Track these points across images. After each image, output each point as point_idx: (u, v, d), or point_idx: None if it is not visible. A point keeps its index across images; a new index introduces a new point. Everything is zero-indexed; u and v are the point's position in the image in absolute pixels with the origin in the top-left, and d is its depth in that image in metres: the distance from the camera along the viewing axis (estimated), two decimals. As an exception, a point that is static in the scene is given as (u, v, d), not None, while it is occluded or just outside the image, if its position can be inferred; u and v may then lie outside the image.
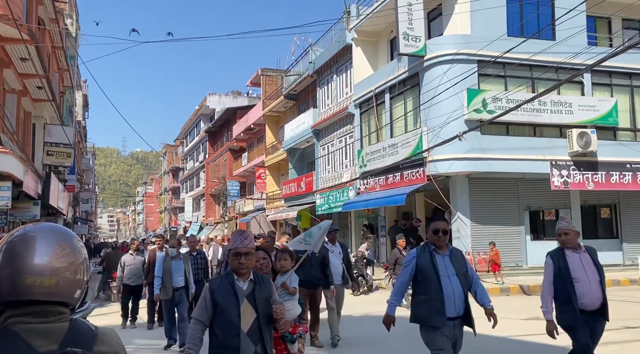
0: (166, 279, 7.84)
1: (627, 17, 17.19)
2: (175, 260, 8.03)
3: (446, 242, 4.35)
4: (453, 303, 4.13)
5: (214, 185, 40.23)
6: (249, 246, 3.23)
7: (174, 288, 7.85)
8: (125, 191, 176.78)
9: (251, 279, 3.24)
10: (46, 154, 16.82)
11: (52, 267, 1.26)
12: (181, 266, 8.00)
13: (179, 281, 7.93)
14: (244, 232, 3.29)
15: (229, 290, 3.16)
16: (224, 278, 3.24)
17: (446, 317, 4.11)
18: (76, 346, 1.21)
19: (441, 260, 4.24)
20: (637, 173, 16.13)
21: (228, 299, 3.13)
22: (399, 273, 10.62)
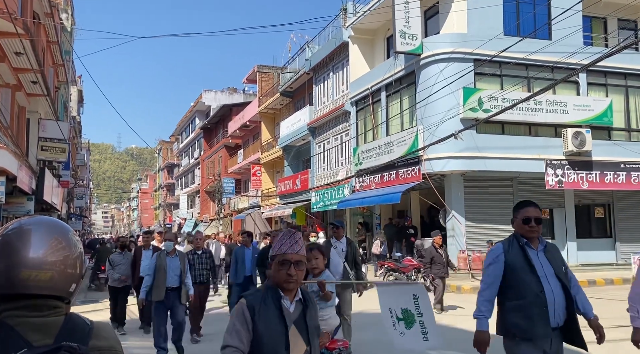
0: (159, 277, 6.95)
1: (622, 18, 17.27)
2: (170, 256, 7.17)
3: (540, 233, 3.52)
4: (553, 310, 3.31)
5: (209, 181, 40.16)
6: (301, 252, 2.42)
7: (168, 288, 6.94)
8: (120, 188, 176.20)
9: (300, 298, 2.43)
10: (40, 149, 16.73)
11: (47, 261, 1.25)
12: (177, 264, 7.13)
13: (174, 280, 7.03)
14: (294, 234, 2.50)
15: (274, 311, 2.32)
16: (266, 294, 2.37)
17: None
18: (71, 340, 1.20)
19: (535, 256, 3.44)
20: (631, 173, 16.22)
21: (273, 324, 2.30)
22: (436, 273, 10.25)
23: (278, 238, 2.49)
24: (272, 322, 2.29)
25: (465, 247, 14.98)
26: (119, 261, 9.48)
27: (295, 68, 26.89)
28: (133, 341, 8.50)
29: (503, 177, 15.79)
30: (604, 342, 3.50)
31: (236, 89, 47.83)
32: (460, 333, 8.13)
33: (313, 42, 24.98)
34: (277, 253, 2.42)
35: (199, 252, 8.52)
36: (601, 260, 16.66)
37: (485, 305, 3.47)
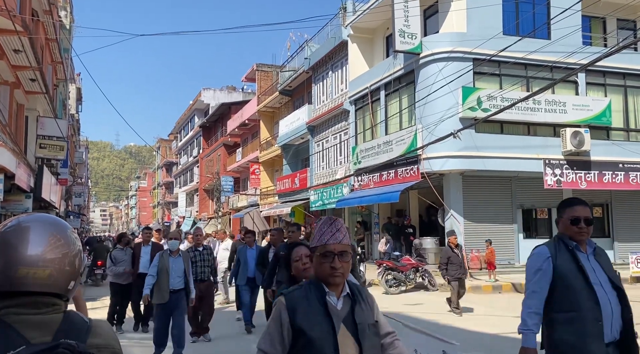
0: (162, 279, 6.60)
1: (622, 18, 17.29)
2: (173, 256, 6.80)
3: (589, 235, 3.11)
4: (610, 323, 2.86)
5: (208, 180, 40.14)
6: (344, 241, 2.14)
7: (171, 290, 6.62)
8: (118, 186, 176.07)
9: (347, 293, 2.14)
10: (39, 147, 16.71)
11: (45, 258, 1.25)
12: (180, 265, 6.76)
13: (177, 282, 6.68)
14: (335, 221, 2.20)
15: (318, 309, 2.06)
16: (308, 290, 2.11)
17: None
18: (70, 338, 1.19)
19: (586, 260, 3.02)
20: (629, 172, 16.25)
21: (319, 324, 2.03)
22: (452, 274, 9.75)
23: (317, 227, 2.21)
24: (317, 322, 2.04)
25: (463, 246, 14.96)
26: (121, 257, 9.27)
27: (295, 67, 26.88)
28: (131, 341, 8.49)
29: (502, 177, 15.81)
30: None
31: (235, 88, 47.81)
32: (475, 335, 8.13)
33: (312, 40, 24.97)
34: (317, 245, 2.15)
35: (199, 249, 8.27)
36: (599, 260, 16.67)
37: (532, 318, 3.05)
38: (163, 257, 6.78)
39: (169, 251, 6.89)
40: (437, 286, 13.55)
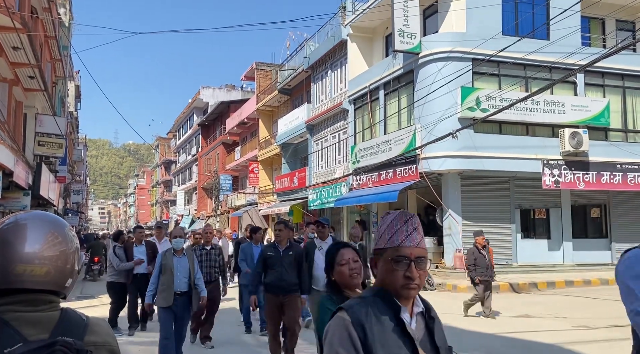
0: (166, 280, 6.12)
1: (620, 19, 17.31)
2: (178, 255, 6.28)
3: None
4: None
5: (207, 178, 40.13)
6: (422, 245, 1.67)
7: (176, 293, 6.11)
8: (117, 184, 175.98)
9: (422, 309, 1.69)
10: (37, 144, 16.69)
11: (43, 255, 1.25)
12: (185, 264, 6.25)
13: (182, 284, 6.18)
14: (412, 218, 1.70)
15: (394, 329, 1.58)
16: (373, 303, 1.61)
17: None
18: (67, 335, 1.20)
19: None
20: (627, 173, 16.28)
21: (397, 348, 1.55)
22: (480, 276, 9.23)
23: (387, 223, 1.70)
24: (396, 346, 1.56)
25: (461, 246, 15.00)
26: (123, 255, 8.81)
27: (294, 66, 26.87)
28: (129, 343, 8.47)
29: (500, 177, 15.83)
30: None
31: (234, 86, 47.77)
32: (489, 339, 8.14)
33: (312, 39, 24.97)
34: (387, 246, 1.65)
35: (207, 248, 7.69)
36: (596, 260, 16.73)
37: None
38: (166, 257, 6.26)
39: (173, 250, 6.37)
40: (435, 285, 13.58)
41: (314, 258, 6.48)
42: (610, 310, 10.23)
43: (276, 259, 6.04)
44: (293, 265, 6.06)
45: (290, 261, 6.05)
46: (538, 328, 8.57)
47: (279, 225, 6.31)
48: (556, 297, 12.34)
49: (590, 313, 9.84)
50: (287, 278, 5.98)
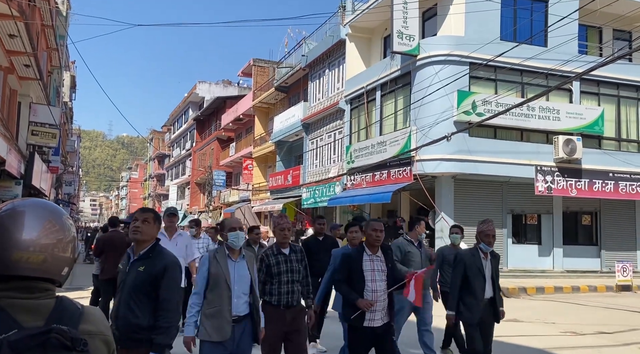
0: (216, 299, 3.94)
1: (617, 28, 17.44)
2: (234, 258, 4.08)
3: None
4: None
5: (200, 173, 40.03)
6: None
7: (233, 318, 3.96)
8: (110, 176, 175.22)
9: None
10: (31, 134, 16.57)
11: (40, 243, 1.25)
12: (245, 273, 4.10)
13: (242, 304, 4.03)
14: None
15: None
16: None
17: None
18: (62, 323, 1.20)
19: None
20: (619, 182, 16.41)
21: None
22: None
23: None
24: None
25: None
26: None
27: (291, 64, 26.84)
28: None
29: (493, 181, 15.90)
30: None
31: (231, 82, 47.67)
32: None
33: (310, 38, 24.96)
34: None
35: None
36: (586, 267, 16.86)
37: None
38: (217, 261, 4.04)
39: (226, 250, 4.12)
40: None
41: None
42: (598, 317, 10.32)
43: None
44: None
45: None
46: (526, 332, 8.62)
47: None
48: (545, 302, 12.42)
49: (578, 319, 9.91)
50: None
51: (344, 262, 4.54)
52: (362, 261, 4.41)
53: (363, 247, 4.49)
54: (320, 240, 7.31)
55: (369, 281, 4.39)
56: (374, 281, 4.41)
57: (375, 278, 4.41)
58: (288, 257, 4.68)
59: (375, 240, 4.41)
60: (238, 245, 4.11)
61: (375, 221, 4.55)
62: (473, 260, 5.11)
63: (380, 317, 4.38)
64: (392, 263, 4.61)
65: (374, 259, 4.45)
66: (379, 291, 4.40)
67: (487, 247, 5.15)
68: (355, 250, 4.60)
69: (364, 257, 4.43)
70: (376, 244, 4.41)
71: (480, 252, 5.16)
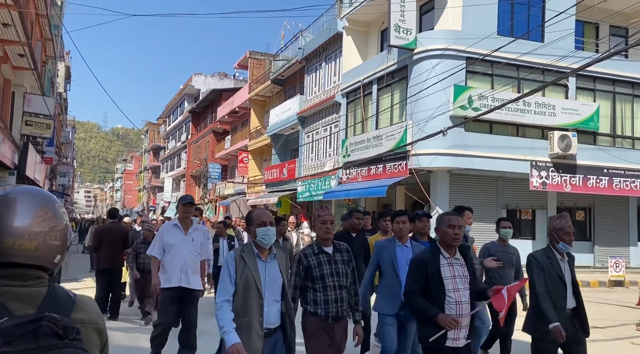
0: (246, 306, 3.29)
1: (614, 24, 17.45)
2: (264, 258, 3.42)
3: None
4: None
5: (195, 166, 39.93)
6: None
7: (265, 331, 3.34)
8: (104, 168, 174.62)
9: None
10: (25, 124, 16.46)
11: (32, 230, 1.24)
12: (278, 275, 3.45)
13: (274, 313, 3.40)
14: None
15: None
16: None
17: None
18: (54, 311, 1.19)
19: None
20: (613, 178, 16.49)
21: None
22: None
23: None
24: None
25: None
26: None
27: (288, 57, 26.74)
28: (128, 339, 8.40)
29: (488, 176, 15.94)
30: None
31: (227, 74, 47.46)
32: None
33: (307, 30, 24.86)
34: None
35: None
36: (579, 262, 16.86)
37: None
38: (244, 262, 3.34)
39: (254, 248, 3.42)
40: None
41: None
42: (590, 312, 10.36)
43: None
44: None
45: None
46: (518, 326, 8.67)
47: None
48: (538, 297, 12.47)
49: None
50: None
51: (417, 268, 3.63)
52: (439, 266, 3.57)
53: (438, 248, 3.64)
54: (353, 237, 6.16)
55: (451, 291, 3.55)
56: (457, 291, 3.57)
57: (458, 287, 3.57)
58: (332, 257, 3.87)
59: (453, 238, 3.56)
60: (269, 243, 3.41)
61: (452, 215, 3.70)
62: (550, 263, 4.21)
63: (464, 335, 3.55)
64: (473, 268, 3.78)
65: (453, 263, 3.62)
66: (463, 302, 3.56)
67: (566, 246, 4.37)
68: (429, 251, 3.71)
69: (441, 261, 3.59)
70: (454, 244, 3.58)
71: (557, 253, 4.33)
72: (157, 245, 5.63)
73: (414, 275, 3.65)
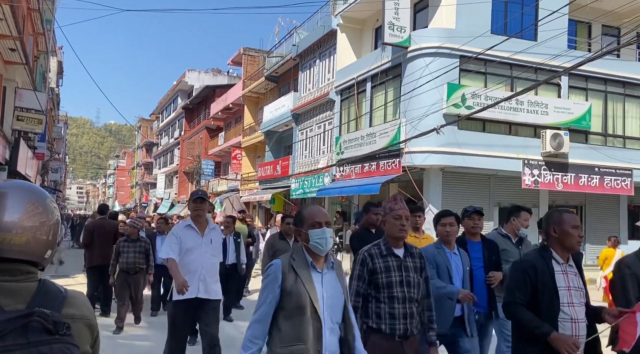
0: (297, 329, 2.55)
1: (606, 24, 17.55)
2: (319, 268, 2.70)
3: None
4: None
5: (188, 162, 39.78)
6: None
7: None
8: (97, 164, 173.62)
9: None
10: (16, 119, 16.33)
11: (23, 225, 1.24)
12: (338, 290, 2.72)
13: (334, 340, 2.64)
14: None
15: None
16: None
17: None
18: (44, 307, 1.19)
19: None
20: (604, 177, 16.61)
21: None
22: None
23: None
24: None
25: (439, 241, 15.19)
26: None
27: (282, 53, 26.68)
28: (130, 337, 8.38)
29: (481, 174, 16.01)
30: None
31: (220, 70, 47.26)
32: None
33: (301, 27, 24.80)
34: None
35: None
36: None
37: None
38: (295, 273, 2.64)
39: (306, 256, 2.72)
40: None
41: None
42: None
43: None
44: None
45: None
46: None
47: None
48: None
49: None
50: None
51: (524, 274, 2.93)
52: (553, 274, 2.89)
53: (550, 252, 2.96)
54: (373, 233, 5.45)
55: (565, 305, 2.86)
56: (572, 306, 2.87)
57: (573, 301, 2.89)
58: (403, 262, 3.22)
59: (578, 241, 2.95)
60: (326, 249, 2.67)
61: (570, 214, 3.05)
62: None
63: None
64: (584, 278, 3.09)
65: (567, 271, 2.95)
66: (580, 321, 2.89)
67: None
68: (537, 255, 3.03)
69: (554, 267, 2.91)
70: (576, 248, 2.93)
71: None
72: (173, 244, 4.79)
73: (519, 283, 2.94)
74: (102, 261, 8.27)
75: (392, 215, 3.35)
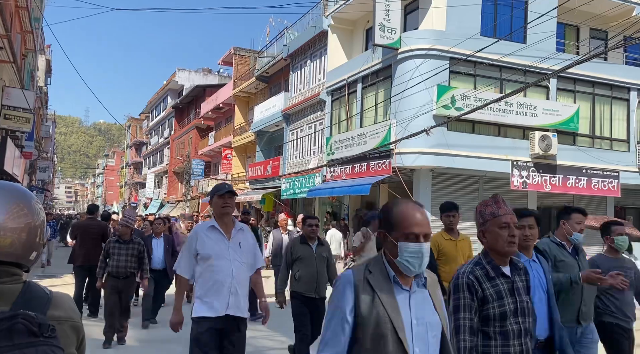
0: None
1: (594, 27, 17.74)
2: (408, 287, 1.98)
3: None
4: None
5: (178, 162, 39.59)
6: None
7: None
8: (85, 163, 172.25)
9: None
10: (3, 118, 16.15)
11: (7, 226, 1.23)
12: (433, 316, 1.99)
13: None
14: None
15: None
16: None
17: None
18: (29, 309, 1.18)
19: None
20: (592, 178, 16.78)
21: None
22: None
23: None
24: None
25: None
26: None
27: (273, 53, 26.64)
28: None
29: (470, 175, 16.10)
30: None
31: (211, 70, 47.11)
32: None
33: (292, 28, 24.79)
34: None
35: None
36: (558, 261, 17.22)
37: None
38: (374, 292, 1.92)
39: (386, 268, 1.99)
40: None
41: None
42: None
43: None
44: None
45: None
46: None
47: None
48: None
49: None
50: None
51: None
52: None
53: None
54: None
55: None
56: None
57: None
58: (513, 283, 2.53)
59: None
60: (417, 272, 1.96)
61: None
62: None
63: None
64: None
65: None
66: None
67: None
68: None
69: None
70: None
71: None
72: (184, 258, 3.94)
73: None
74: (87, 261, 8.12)
75: (497, 223, 2.57)
